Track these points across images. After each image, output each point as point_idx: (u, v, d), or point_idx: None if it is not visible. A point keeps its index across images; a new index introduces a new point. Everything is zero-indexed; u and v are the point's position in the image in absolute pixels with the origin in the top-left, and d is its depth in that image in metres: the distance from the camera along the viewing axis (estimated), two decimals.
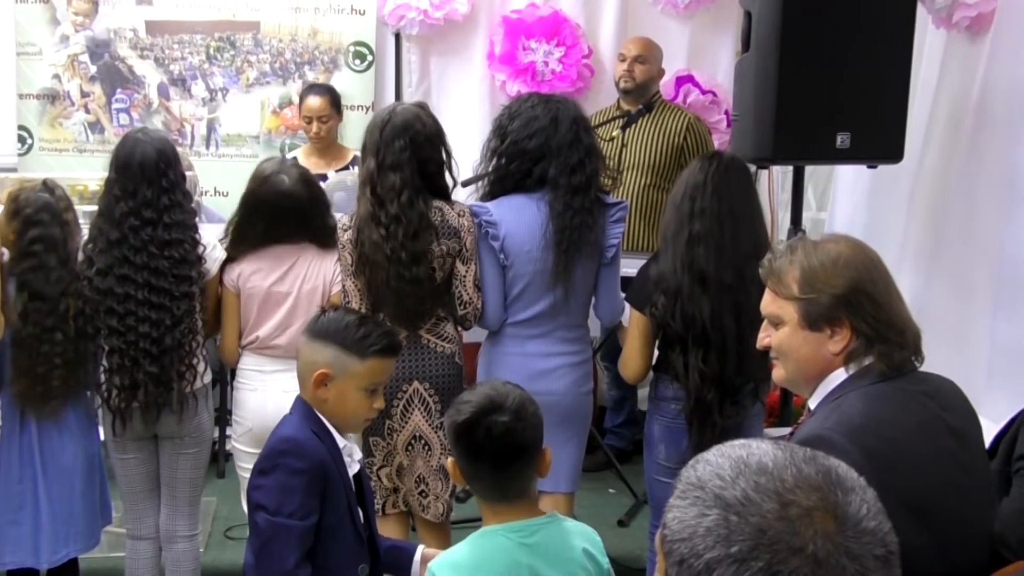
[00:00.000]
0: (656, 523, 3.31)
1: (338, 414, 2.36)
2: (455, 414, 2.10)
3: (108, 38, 5.68)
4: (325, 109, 5.05)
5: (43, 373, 3.16)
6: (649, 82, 5.07)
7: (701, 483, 1.12)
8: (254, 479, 2.30)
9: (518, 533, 2.08)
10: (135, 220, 3.20)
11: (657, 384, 3.32)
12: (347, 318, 2.38)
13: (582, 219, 3.22)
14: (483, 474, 2.10)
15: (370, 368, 2.34)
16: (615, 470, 4.92)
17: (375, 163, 3.17)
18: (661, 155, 5.00)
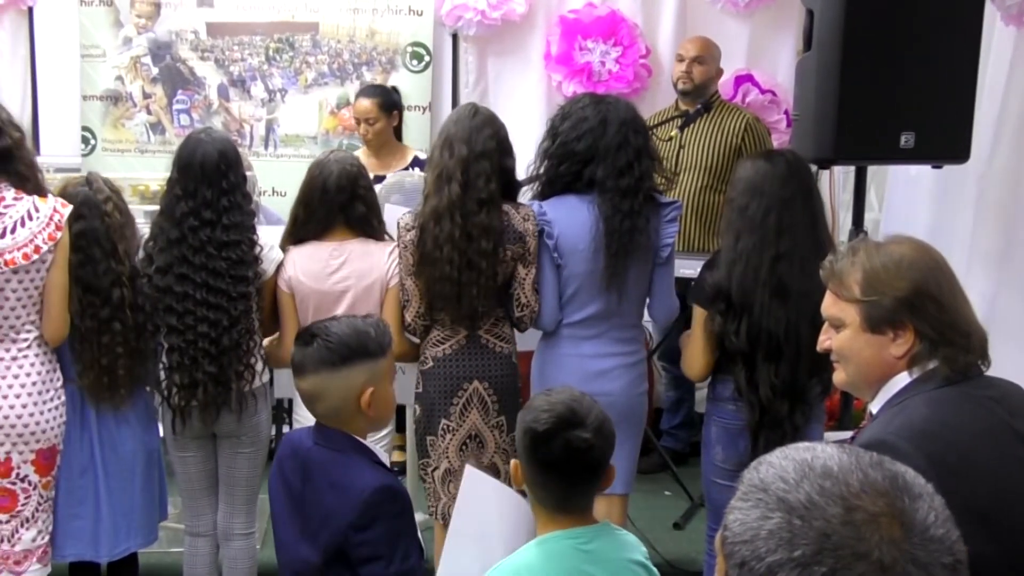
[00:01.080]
0: (713, 526, 3.30)
1: (380, 418, 2.36)
2: (533, 422, 2.07)
3: (170, 40, 5.76)
4: (372, 111, 4.99)
5: (108, 364, 3.21)
6: (708, 82, 5.02)
7: (764, 485, 1.10)
8: (353, 535, 2.20)
9: (576, 539, 2.06)
10: (194, 220, 3.23)
11: (715, 385, 3.28)
12: (345, 330, 2.29)
13: (632, 222, 3.20)
14: (550, 484, 2.08)
15: (391, 358, 2.37)
16: (671, 472, 4.88)
17: (467, 150, 3.18)
18: (718, 156, 4.94)
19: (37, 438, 3.11)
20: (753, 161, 3.21)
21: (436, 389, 3.28)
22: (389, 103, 5.06)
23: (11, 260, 3.01)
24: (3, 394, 3.07)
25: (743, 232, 3.10)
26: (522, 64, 5.76)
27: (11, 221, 3.02)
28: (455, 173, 3.18)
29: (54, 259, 3.09)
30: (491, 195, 3.19)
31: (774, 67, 5.63)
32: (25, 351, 3.10)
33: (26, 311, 3.09)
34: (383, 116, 5.01)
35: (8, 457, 3.10)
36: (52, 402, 3.15)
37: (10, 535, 3.15)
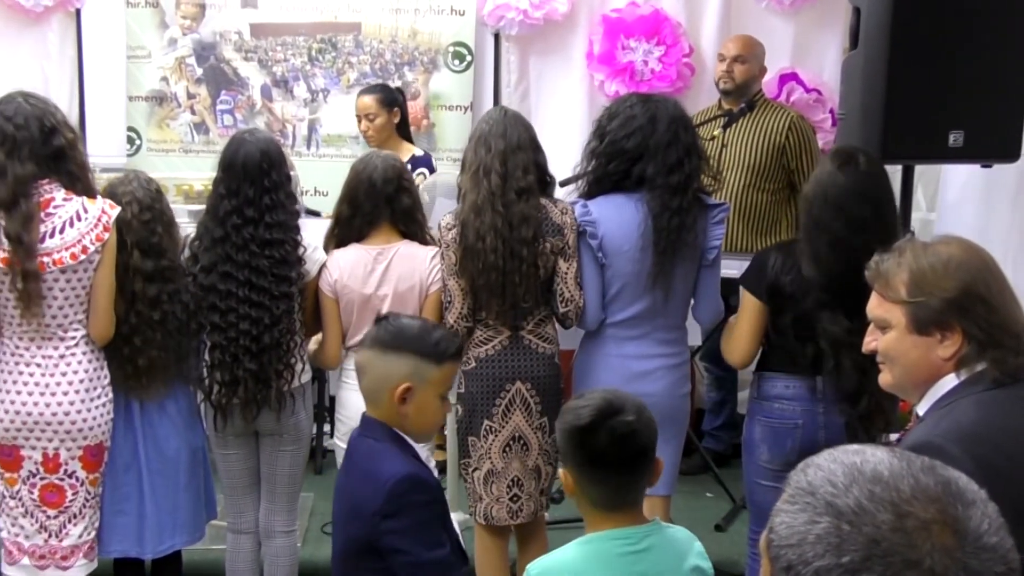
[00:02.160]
0: (756, 528, 3.27)
1: (417, 425, 2.32)
2: (574, 419, 2.06)
3: (214, 41, 5.80)
4: (372, 107, 5.01)
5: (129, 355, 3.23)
6: (750, 81, 4.97)
7: (812, 489, 1.08)
8: (382, 523, 2.21)
9: (625, 540, 2.05)
10: (237, 218, 3.26)
11: (760, 383, 3.25)
12: (416, 324, 2.33)
13: (680, 220, 3.19)
14: (601, 479, 2.07)
15: (446, 373, 2.31)
16: (713, 473, 4.85)
17: (504, 143, 3.22)
18: (762, 155, 4.90)
19: (85, 435, 3.15)
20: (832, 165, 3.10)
21: (479, 389, 3.28)
22: (389, 99, 5.07)
23: (59, 260, 3.05)
24: (52, 391, 3.10)
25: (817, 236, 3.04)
26: (564, 64, 5.75)
27: (60, 221, 3.06)
28: (494, 165, 3.21)
29: (101, 259, 3.12)
30: (529, 185, 3.22)
31: (819, 65, 5.57)
32: (73, 349, 3.13)
33: (73, 310, 3.12)
34: (383, 112, 5.02)
35: (56, 453, 3.14)
36: (99, 399, 3.18)
37: (58, 530, 3.19)
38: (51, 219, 3.05)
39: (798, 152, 4.88)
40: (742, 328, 3.22)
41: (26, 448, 3.12)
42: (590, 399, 2.09)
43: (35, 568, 3.20)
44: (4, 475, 3.17)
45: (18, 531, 3.19)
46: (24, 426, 3.10)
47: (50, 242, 3.04)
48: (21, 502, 3.16)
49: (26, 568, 3.21)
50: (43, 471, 3.14)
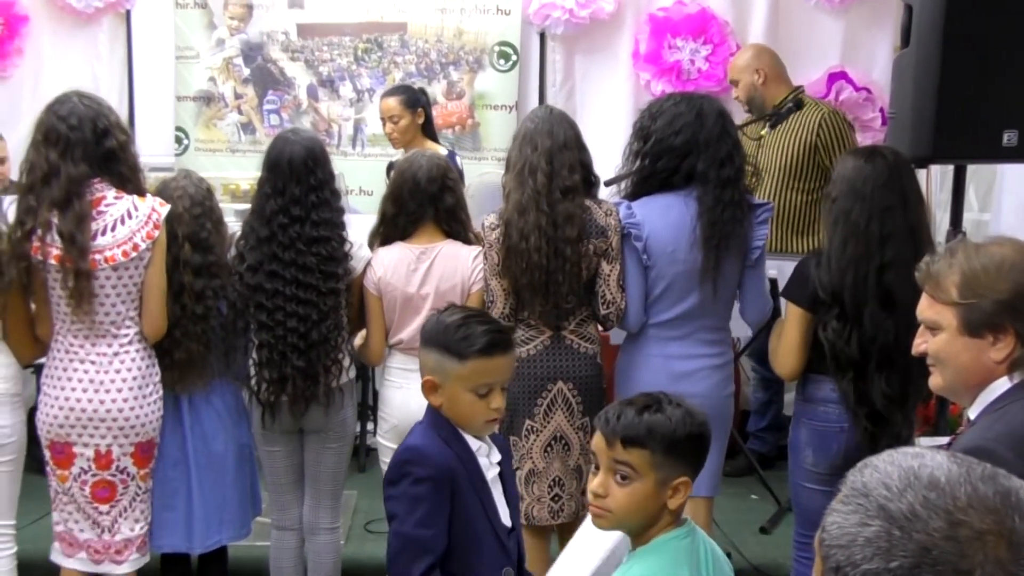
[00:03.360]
0: (802, 531, 3.24)
1: (455, 418, 2.31)
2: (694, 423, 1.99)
3: (261, 41, 5.86)
4: (395, 109, 5.01)
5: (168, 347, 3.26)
6: (752, 93, 4.89)
7: (866, 490, 1.06)
8: (385, 489, 2.30)
9: (684, 539, 2.02)
10: (284, 217, 3.27)
11: (806, 385, 3.21)
12: (450, 318, 2.31)
13: (732, 213, 3.18)
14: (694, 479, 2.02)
15: (473, 369, 2.26)
16: (757, 475, 4.80)
17: (551, 141, 3.21)
18: (795, 155, 4.81)
19: (137, 431, 3.18)
20: (854, 160, 3.13)
21: (520, 389, 3.27)
22: (413, 100, 5.06)
23: (111, 257, 3.08)
24: (105, 389, 3.13)
25: (850, 238, 3.03)
26: (610, 63, 5.74)
27: (111, 219, 3.09)
28: (539, 164, 3.20)
29: (152, 257, 3.15)
30: (575, 184, 3.21)
31: (869, 64, 5.51)
32: (126, 346, 3.17)
33: (125, 307, 3.15)
34: (407, 113, 5.02)
35: (109, 449, 3.17)
36: (151, 396, 3.21)
37: (110, 525, 3.22)
38: (102, 217, 3.09)
39: (831, 148, 4.75)
40: (789, 340, 3.18)
41: (78, 445, 3.16)
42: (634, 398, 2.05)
43: (91, 562, 3.24)
44: (57, 471, 3.20)
45: (72, 526, 3.23)
46: (77, 423, 3.14)
47: (101, 240, 3.08)
48: (73, 498, 3.20)
49: (82, 562, 3.25)
50: (95, 467, 3.18)
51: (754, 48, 5.09)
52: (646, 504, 1.99)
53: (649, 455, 1.95)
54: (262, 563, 3.66)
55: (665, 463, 1.96)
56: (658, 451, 1.95)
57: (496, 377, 2.31)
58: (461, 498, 2.26)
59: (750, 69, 4.94)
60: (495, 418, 2.36)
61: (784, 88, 4.96)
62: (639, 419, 1.98)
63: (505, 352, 2.33)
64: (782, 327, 3.24)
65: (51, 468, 3.21)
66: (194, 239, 3.27)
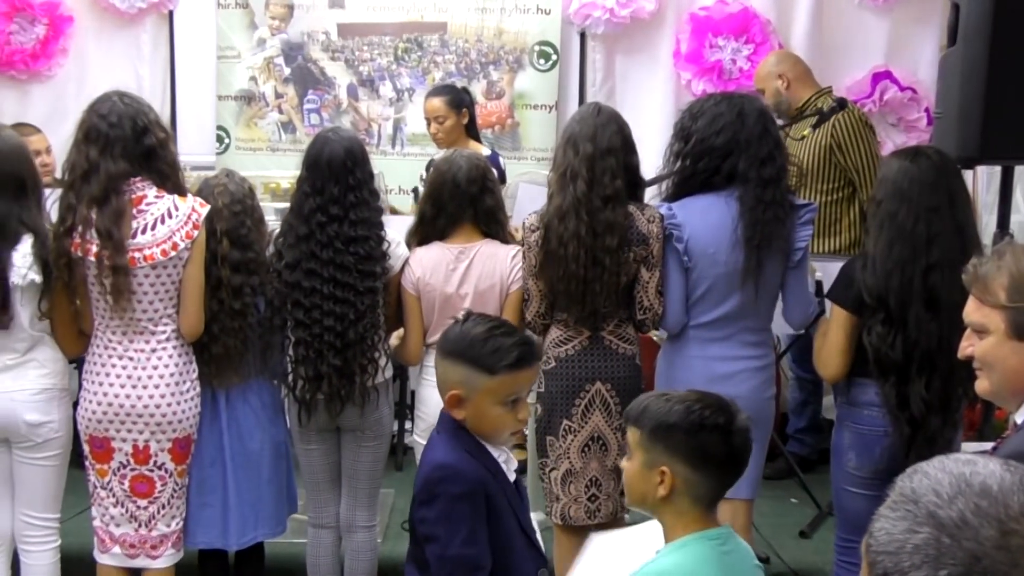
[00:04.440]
0: (844, 535, 3.21)
1: (479, 432, 2.28)
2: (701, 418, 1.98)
3: (302, 41, 5.89)
4: (441, 109, 4.99)
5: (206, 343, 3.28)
6: (779, 100, 4.80)
7: (916, 496, 1.03)
8: (417, 510, 2.25)
9: (715, 541, 2.00)
10: (322, 216, 3.28)
11: (850, 389, 3.17)
12: (475, 331, 2.26)
13: (774, 213, 3.14)
14: (716, 477, 2.01)
15: (503, 383, 2.23)
16: (797, 479, 4.76)
17: (592, 147, 3.17)
18: (814, 156, 4.73)
19: (174, 428, 3.20)
20: (898, 161, 3.09)
21: (558, 389, 3.26)
22: (458, 101, 5.05)
23: (150, 256, 3.10)
24: (143, 385, 3.16)
25: (895, 240, 3.00)
26: (651, 62, 5.71)
27: (151, 218, 3.11)
28: (580, 170, 3.16)
29: (190, 256, 3.16)
30: (617, 192, 3.16)
31: (914, 63, 5.45)
32: (164, 343, 3.19)
33: (163, 305, 3.17)
34: (452, 114, 5.00)
35: (147, 445, 3.19)
36: (188, 393, 3.23)
37: (147, 520, 3.25)
38: (142, 216, 3.11)
39: (845, 147, 4.67)
40: (833, 341, 3.15)
41: (117, 440, 3.18)
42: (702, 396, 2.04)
43: (126, 557, 3.27)
44: (96, 466, 3.23)
45: (109, 520, 3.26)
46: (116, 418, 3.16)
47: (141, 238, 3.10)
48: (112, 492, 3.23)
49: (117, 557, 3.28)
50: (133, 462, 3.20)
51: (775, 55, 5.04)
52: (636, 484, 2.05)
53: (639, 434, 2.03)
54: (299, 560, 3.68)
55: (651, 446, 2.00)
56: (646, 431, 2.01)
57: (524, 388, 2.30)
58: (496, 510, 2.24)
59: (772, 76, 4.89)
60: (519, 429, 2.35)
61: (810, 89, 4.88)
62: (647, 401, 2.05)
63: (533, 364, 2.32)
64: (826, 327, 3.21)
65: (90, 463, 3.25)
66: (233, 235, 3.29)
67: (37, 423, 3.21)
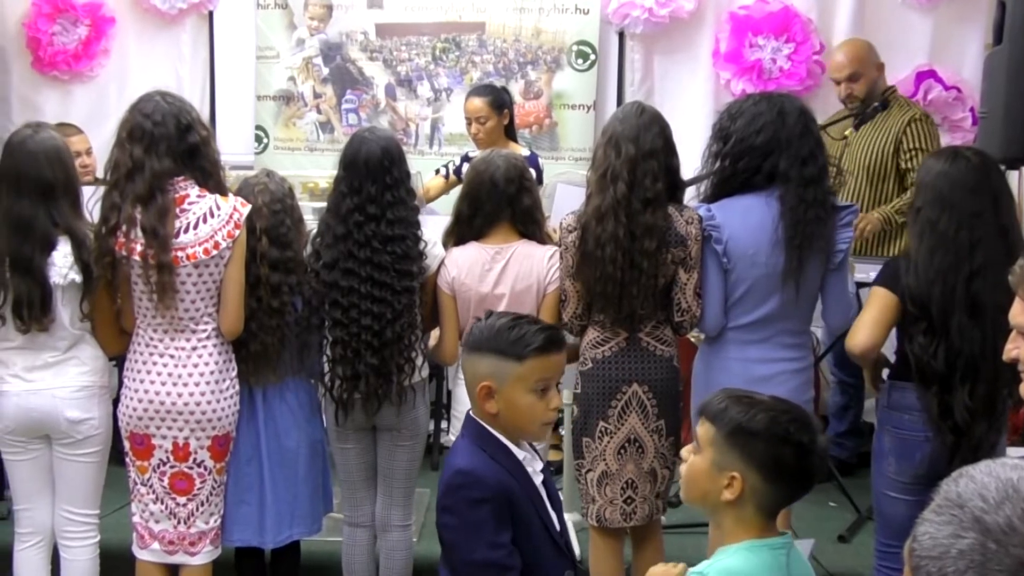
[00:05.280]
0: (884, 540, 3.17)
1: (512, 424, 2.28)
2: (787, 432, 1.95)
3: (340, 41, 5.91)
4: (483, 110, 4.97)
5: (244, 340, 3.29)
6: (874, 89, 4.75)
7: (961, 501, 1.01)
8: (439, 516, 2.25)
9: (779, 551, 1.99)
10: (359, 216, 3.28)
11: (890, 392, 3.15)
12: (499, 323, 2.28)
13: (815, 213, 3.11)
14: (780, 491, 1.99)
15: (532, 368, 2.24)
16: (836, 482, 4.71)
17: (635, 149, 3.15)
18: (879, 157, 4.69)
19: (213, 425, 3.22)
20: (937, 165, 3.05)
21: (594, 390, 3.25)
22: (499, 102, 5.03)
23: (192, 255, 3.12)
24: (184, 382, 3.18)
25: (937, 248, 2.97)
26: (690, 62, 5.68)
27: (194, 217, 3.13)
28: (621, 172, 3.14)
29: (232, 256, 3.18)
30: (657, 194, 3.14)
31: (959, 62, 5.37)
32: (204, 342, 3.21)
33: (204, 304, 3.19)
34: (494, 115, 4.99)
35: (187, 443, 3.21)
36: (227, 391, 3.25)
37: (186, 517, 3.27)
38: (185, 215, 3.13)
39: (912, 152, 4.64)
40: (867, 314, 3.11)
41: (157, 437, 3.21)
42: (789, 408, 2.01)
43: (164, 553, 3.29)
44: (136, 463, 3.26)
45: (148, 516, 3.28)
46: (156, 415, 3.19)
47: (184, 237, 3.12)
48: (152, 489, 3.25)
49: (156, 553, 3.30)
50: (173, 459, 3.22)
51: (867, 42, 4.90)
52: (700, 481, 2.01)
53: (713, 432, 1.99)
54: (334, 559, 3.68)
55: (727, 448, 1.97)
56: (723, 432, 1.97)
57: (554, 373, 2.31)
58: (519, 513, 2.23)
59: (872, 63, 4.80)
60: (552, 420, 2.34)
61: (885, 86, 4.84)
62: (728, 400, 2.00)
63: (560, 349, 2.32)
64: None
65: (130, 459, 3.27)
66: (272, 234, 3.30)
67: (78, 420, 3.24)
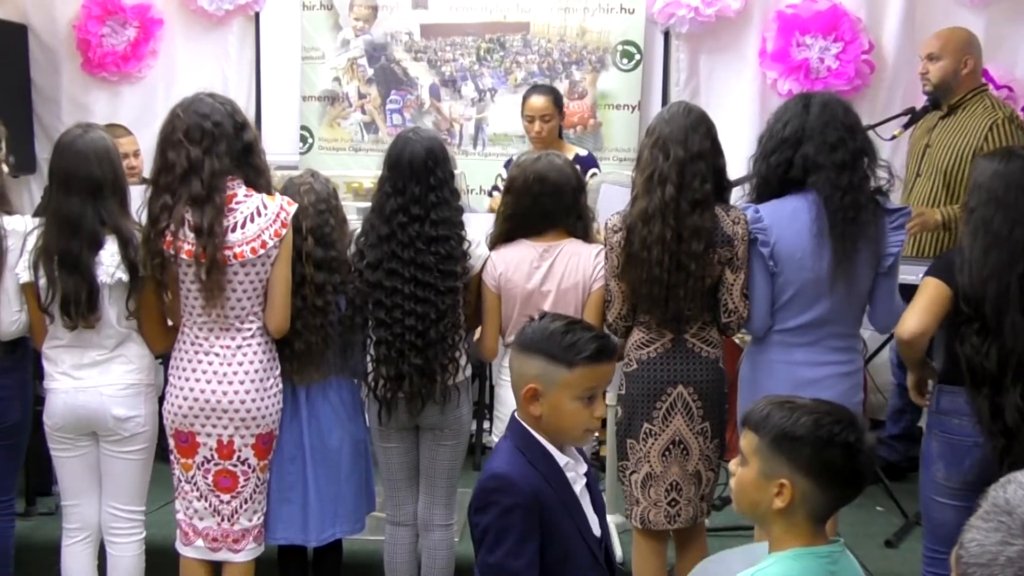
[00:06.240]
0: (932, 545, 3.13)
1: (555, 429, 2.26)
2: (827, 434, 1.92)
3: (385, 42, 5.94)
4: (548, 108, 4.99)
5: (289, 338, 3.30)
6: (948, 79, 4.62)
7: (1009, 508, 0.99)
8: (471, 516, 2.25)
9: (827, 559, 1.96)
10: (403, 216, 3.29)
11: (939, 397, 3.10)
12: (552, 325, 2.26)
13: (853, 197, 3.08)
14: (839, 494, 1.96)
15: (581, 376, 2.22)
16: (883, 486, 4.65)
17: (683, 151, 3.13)
18: (956, 159, 4.57)
19: (258, 423, 3.23)
20: (990, 164, 3.00)
21: (639, 392, 3.23)
22: (560, 101, 5.08)
23: (240, 254, 3.14)
24: (228, 380, 3.20)
25: (991, 247, 2.92)
26: (736, 62, 5.63)
27: (242, 217, 3.15)
28: (670, 175, 3.12)
29: (279, 254, 3.19)
30: (705, 196, 3.13)
31: (1012, 61, 5.29)
32: (249, 340, 3.22)
33: (251, 303, 3.21)
34: (557, 114, 5.04)
35: (231, 440, 3.23)
36: (272, 389, 3.27)
37: (230, 515, 3.29)
38: (233, 214, 3.14)
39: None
40: (918, 301, 3.05)
41: (202, 435, 3.23)
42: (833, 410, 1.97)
43: (208, 550, 3.31)
44: (180, 460, 3.28)
45: (192, 514, 3.30)
46: (201, 413, 3.21)
47: (232, 236, 3.13)
48: (196, 486, 3.27)
49: (200, 550, 3.32)
50: (217, 457, 3.24)
51: (972, 35, 4.76)
52: (749, 492, 1.99)
53: (757, 441, 1.96)
54: (376, 557, 3.69)
55: (773, 456, 1.94)
56: (766, 440, 1.95)
57: (602, 382, 2.29)
58: (552, 520, 2.21)
59: (962, 53, 4.66)
60: (596, 428, 2.31)
61: (973, 85, 4.69)
62: (770, 407, 1.97)
63: (610, 359, 2.30)
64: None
65: (175, 457, 3.30)
66: (317, 233, 3.32)
67: (124, 417, 3.27)
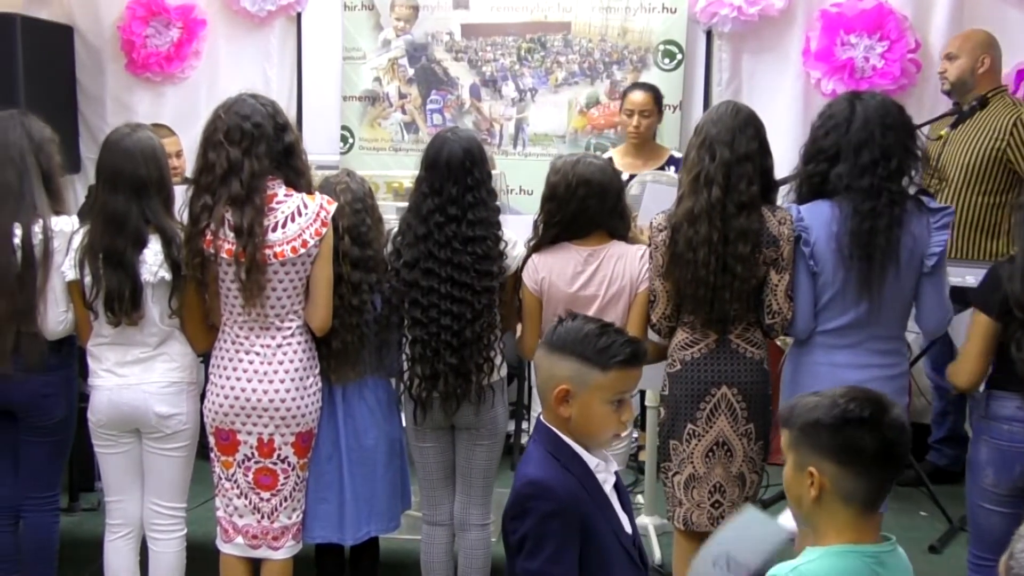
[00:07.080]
0: (978, 552, 3.08)
1: (583, 431, 2.25)
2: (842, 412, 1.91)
3: (426, 42, 5.93)
4: (648, 104, 5.02)
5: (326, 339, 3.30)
6: (965, 77, 4.63)
7: None
8: (507, 523, 2.23)
9: (872, 559, 1.92)
10: (440, 216, 3.28)
11: (989, 402, 3.04)
12: (587, 327, 2.25)
13: (871, 224, 3.03)
14: (871, 475, 1.92)
15: (614, 380, 2.21)
16: (927, 491, 4.58)
17: (730, 153, 3.10)
18: (980, 155, 4.55)
19: (298, 422, 3.24)
20: None
21: (683, 392, 3.20)
22: (661, 100, 5.10)
23: (280, 253, 3.15)
24: (269, 379, 3.21)
25: None
26: (779, 61, 5.57)
27: (282, 216, 3.16)
28: (716, 176, 3.09)
29: (319, 253, 3.20)
30: (752, 198, 3.10)
31: None
32: (289, 339, 3.23)
33: (291, 302, 3.22)
34: (656, 111, 5.07)
35: (272, 439, 3.24)
36: (311, 388, 3.27)
37: (270, 512, 3.30)
38: (273, 214, 3.15)
39: (1020, 154, 4.50)
40: (971, 348, 3.02)
41: (242, 433, 3.24)
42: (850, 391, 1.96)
43: (248, 547, 3.33)
44: (221, 458, 3.30)
45: (232, 511, 3.32)
46: (242, 411, 3.22)
47: (272, 236, 3.14)
48: (236, 484, 3.29)
49: (240, 547, 3.33)
50: (258, 455, 3.26)
51: (990, 36, 4.76)
52: (791, 487, 1.99)
53: (788, 434, 1.98)
54: (413, 557, 3.69)
55: (801, 445, 1.95)
56: (794, 431, 1.96)
57: (632, 387, 2.29)
58: (590, 524, 2.20)
59: (979, 52, 4.66)
60: (622, 432, 2.32)
61: (992, 85, 4.67)
62: (797, 399, 1.99)
63: (641, 364, 2.29)
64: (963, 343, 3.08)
65: (215, 455, 3.31)
66: (354, 232, 3.32)
67: (167, 415, 3.29)
